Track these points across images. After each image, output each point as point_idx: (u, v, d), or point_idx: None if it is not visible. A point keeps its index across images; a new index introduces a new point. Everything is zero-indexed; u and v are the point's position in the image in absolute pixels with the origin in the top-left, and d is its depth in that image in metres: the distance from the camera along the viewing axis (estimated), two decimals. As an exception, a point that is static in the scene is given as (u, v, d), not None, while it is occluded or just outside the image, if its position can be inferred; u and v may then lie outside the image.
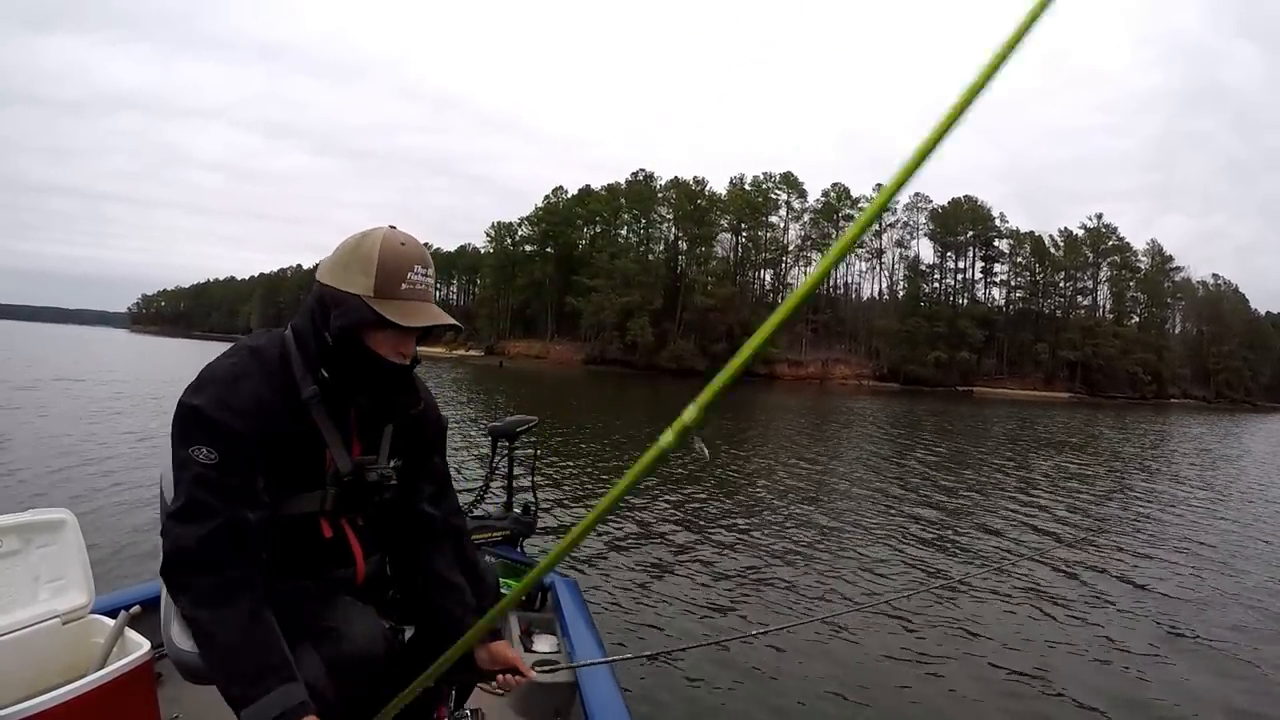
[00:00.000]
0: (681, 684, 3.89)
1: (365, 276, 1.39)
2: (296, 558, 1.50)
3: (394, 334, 1.43)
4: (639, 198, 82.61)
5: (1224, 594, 6.06)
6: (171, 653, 1.56)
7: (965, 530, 8.00)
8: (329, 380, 1.45)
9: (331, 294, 1.41)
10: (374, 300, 1.39)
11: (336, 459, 1.50)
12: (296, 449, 1.44)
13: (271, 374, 1.43)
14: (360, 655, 1.41)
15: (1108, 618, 5.26)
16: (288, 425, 1.42)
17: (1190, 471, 15.28)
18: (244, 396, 1.36)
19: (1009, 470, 13.36)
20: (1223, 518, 9.68)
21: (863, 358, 76.43)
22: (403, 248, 1.42)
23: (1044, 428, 26.58)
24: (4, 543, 1.87)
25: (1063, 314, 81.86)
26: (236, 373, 1.39)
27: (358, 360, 1.44)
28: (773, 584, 5.64)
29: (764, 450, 14.45)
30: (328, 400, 1.46)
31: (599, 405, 25.83)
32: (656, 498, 8.81)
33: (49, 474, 7.66)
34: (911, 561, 6.53)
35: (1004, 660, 4.38)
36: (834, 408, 33.00)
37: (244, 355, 1.43)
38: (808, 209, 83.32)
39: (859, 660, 4.32)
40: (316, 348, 1.44)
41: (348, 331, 1.41)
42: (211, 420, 1.33)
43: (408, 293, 1.42)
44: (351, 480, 1.52)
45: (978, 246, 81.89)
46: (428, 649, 1.66)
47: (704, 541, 6.82)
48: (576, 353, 75.51)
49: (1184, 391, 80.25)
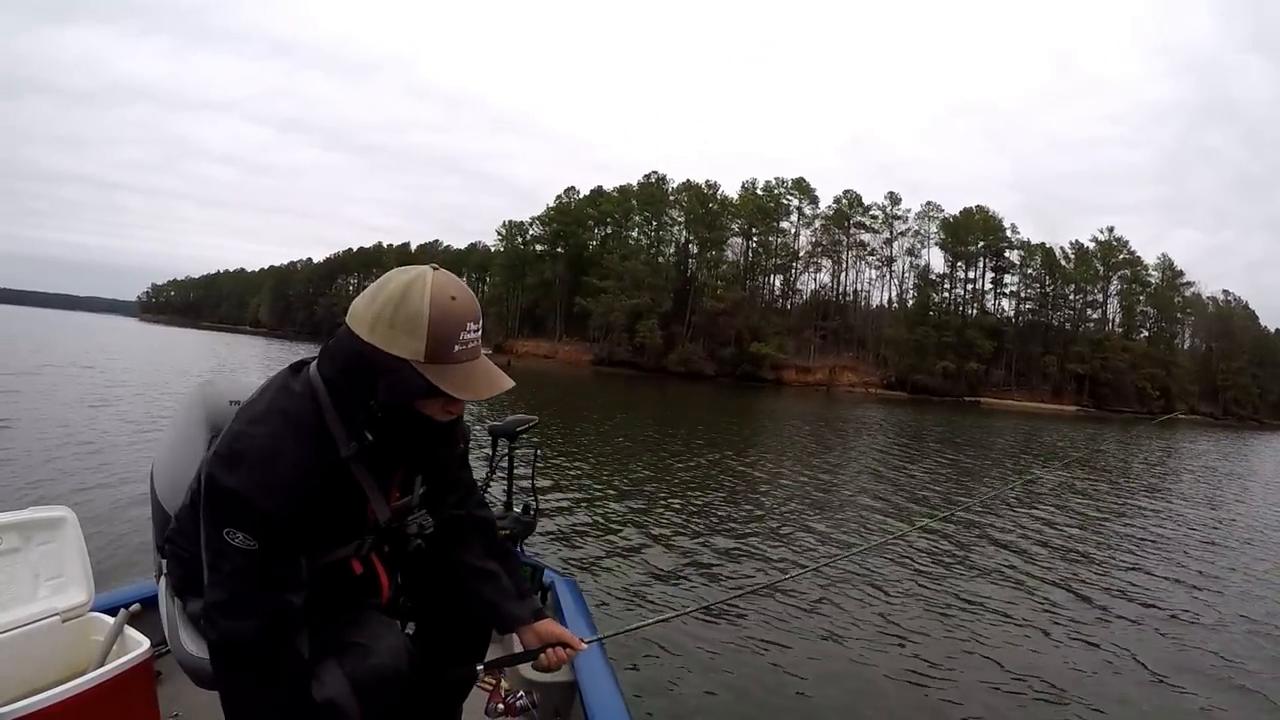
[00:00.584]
0: (682, 683, 3.98)
1: (414, 340, 1.26)
2: (326, 594, 1.46)
3: (446, 397, 1.33)
4: (651, 200, 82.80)
5: (1219, 615, 6.13)
6: (179, 656, 1.56)
7: (962, 542, 7.98)
8: (373, 442, 1.36)
9: (376, 357, 1.28)
10: (426, 367, 1.27)
11: (377, 511, 1.46)
12: (337, 506, 1.38)
13: (308, 438, 1.33)
14: (385, 671, 1.39)
15: (1109, 637, 5.33)
16: (329, 486, 1.35)
17: (1195, 489, 15.32)
18: (284, 475, 1.28)
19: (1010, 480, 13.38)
20: (1223, 540, 9.68)
21: (870, 365, 76.38)
22: (454, 303, 1.28)
23: (1050, 441, 26.62)
24: (4, 540, 1.85)
25: (1072, 327, 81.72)
26: (275, 448, 1.30)
27: (407, 425, 1.36)
28: (771, 592, 5.71)
29: (768, 457, 14.52)
30: (368, 457, 1.38)
31: (606, 407, 25.93)
32: (658, 500, 8.94)
33: (49, 470, 7.65)
34: (915, 574, 6.59)
35: (983, 674, 4.50)
36: (841, 416, 32.95)
37: (278, 424, 1.32)
38: (819, 215, 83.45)
39: (861, 664, 4.47)
40: (361, 414, 1.34)
41: (399, 403, 1.33)
42: (249, 506, 1.26)
43: (461, 354, 1.30)
44: (390, 528, 1.50)
45: (988, 257, 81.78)
46: (429, 646, 1.71)
47: (705, 547, 6.93)
48: (585, 353, 75.66)
49: (1191, 407, 79.88)
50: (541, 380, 40.97)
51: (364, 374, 1.30)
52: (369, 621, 1.47)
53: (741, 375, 69.49)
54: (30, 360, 22.00)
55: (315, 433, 1.34)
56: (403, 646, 1.46)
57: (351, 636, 1.42)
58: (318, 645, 1.37)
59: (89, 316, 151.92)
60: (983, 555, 7.52)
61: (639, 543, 6.91)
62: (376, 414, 1.32)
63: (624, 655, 4.17)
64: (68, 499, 5.58)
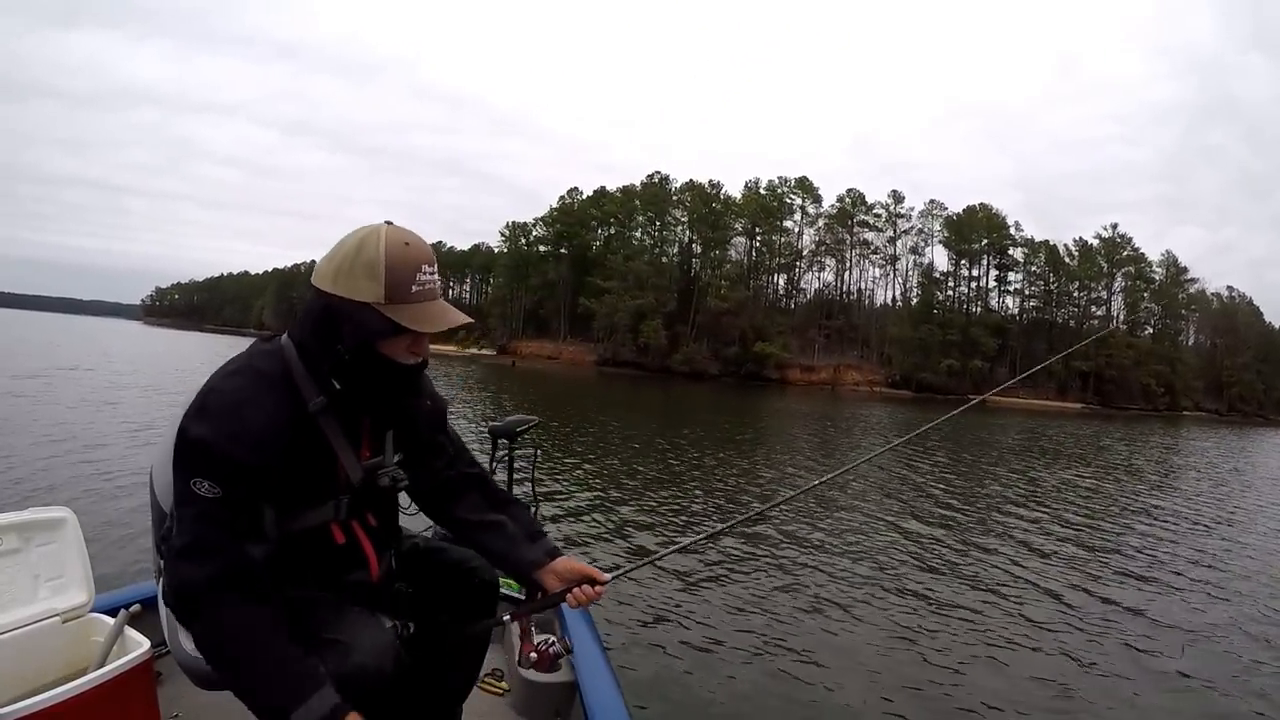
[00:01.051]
0: (683, 683, 4.01)
1: (374, 283, 1.34)
2: (311, 567, 1.48)
3: (409, 337, 1.41)
4: (654, 200, 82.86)
5: (1229, 615, 6.08)
6: (179, 656, 1.56)
7: (958, 545, 7.96)
8: (339, 391, 1.41)
9: (340, 305, 1.36)
10: (386, 307, 1.35)
11: (348, 468, 1.48)
12: (307, 464, 1.42)
13: (276, 392, 1.38)
14: (367, 670, 1.37)
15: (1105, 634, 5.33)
16: (296, 442, 1.38)
17: (1202, 487, 15.29)
18: (250, 424, 1.32)
19: (1011, 482, 13.41)
20: (1225, 538, 9.60)
21: (875, 364, 76.28)
22: (408, 248, 1.38)
23: (1054, 439, 26.54)
24: (4, 541, 1.85)
25: (1076, 324, 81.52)
26: (241, 398, 1.35)
27: (373, 369, 1.41)
28: (772, 595, 5.75)
29: (771, 458, 14.52)
30: (336, 410, 1.43)
31: (609, 407, 26.02)
32: (660, 499, 8.98)
33: (50, 471, 7.65)
34: (920, 583, 6.50)
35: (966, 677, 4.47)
36: (845, 414, 32.93)
37: (247, 377, 1.38)
38: (822, 214, 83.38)
39: (861, 667, 4.49)
40: (328, 362, 1.40)
41: (365, 344, 1.38)
42: (215, 453, 1.30)
43: (419, 294, 1.38)
44: (364, 488, 1.52)
45: (992, 255, 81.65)
46: (432, 644, 1.73)
47: (705, 547, 6.93)
48: (589, 354, 75.73)
49: (1196, 404, 79.80)
50: (545, 381, 41.10)
51: (330, 323, 1.37)
52: (352, 618, 1.44)
53: (746, 375, 69.49)
54: (31, 364, 22.04)
55: (283, 386, 1.39)
56: (388, 644, 1.43)
57: (333, 633, 1.39)
58: (300, 640, 1.35)
59: (92, 320, 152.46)
60: (988, 553, 7.52)
61: (640, 542, 6.93)
62: (344, 357, 1.38)
63: (624, 655, 4.18)
64: (68, 500, 5.49)
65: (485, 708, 2.43)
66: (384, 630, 1.46)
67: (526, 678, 2.41)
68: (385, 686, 1.39)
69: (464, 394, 25.24)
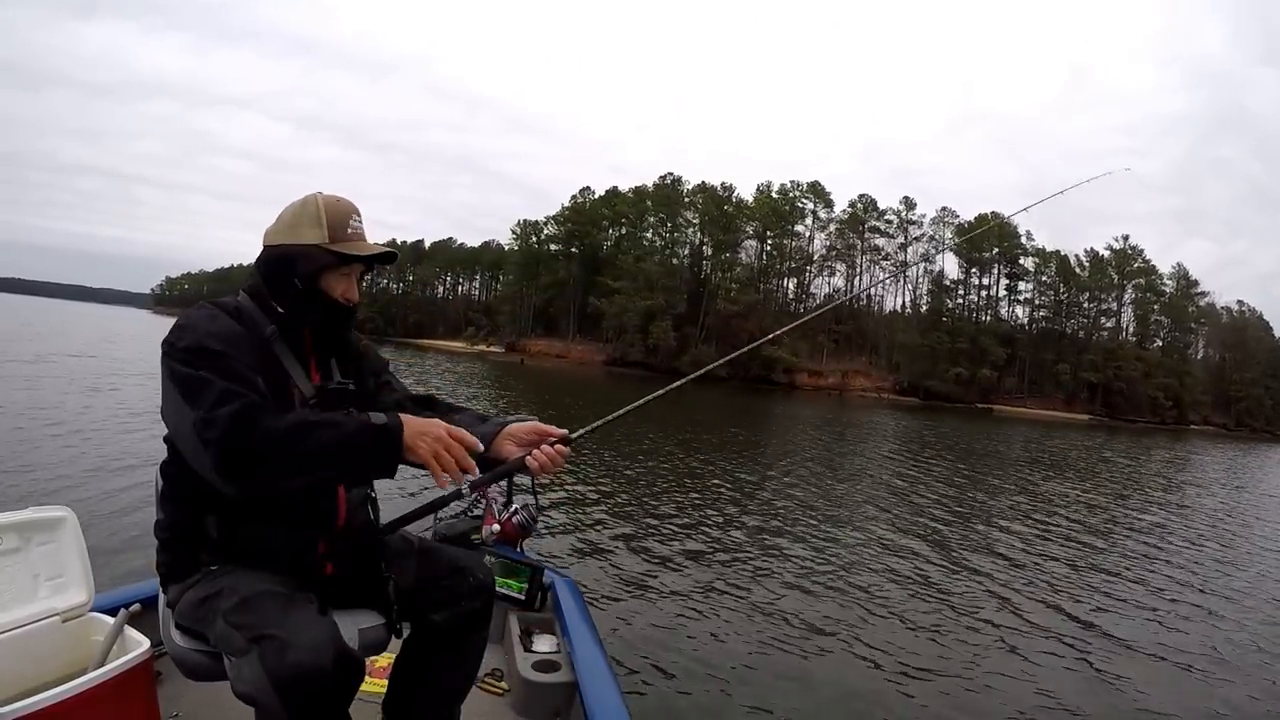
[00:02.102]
0: (684, 683, 4.04)
1: (319, 229, 1.65)
2: (277, 511, 1.61)
3: (343, 278, 1.69)
4: (666, 201, 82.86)
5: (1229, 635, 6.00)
6: (173, 651, 1.62)
7: (960, 555, 7.87)
8: (284, 315, 1.66)
9: (291, 249, 1.65)
10: (330, 245, 1.64)
11: (300, 385, 1.68)
12: (266, 379, 1.58)
13: (234, 318, 1.62)
14: (303, 667, 1.35)
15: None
16: (255, 358, 1.58)
17: (1210, 503, 15.22)
18: (221, 328, 1.56)
19: (1016, 494, 13.30)
20: (1229, 561, 9.32)
21: (883, 371, 76.25)
22: (340, 203, 1.69)
23: (1060, 450, 26.36)
24: (3, 540, 1.86)
25: (1085, 335, 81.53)
26: (210, 316, 1.60)
27: (319, 303, 1.67)
28: (773, 596, 5.74)
29: (778, 463, 14.43)
30: (285, 335, 1.67)
31: (616, 407, 25.71)
32: (662, 500, 9.05)
33: (50, 469, 7.54)
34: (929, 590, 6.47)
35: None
36: (852, 422, 32.69)
37: (207, 308, 1.63)
38: (833, 219, 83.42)
39: (866, 669, 4.54)
40: (276, 294, 1.67)
41: (313, 276, 1.65)
42: (206, 348, 1.50)
43: (353, 235, 1.68)
44: (317, 400, 1.68)
45: (1002, 263, 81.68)
46: (423, 648, 1.80)
47: (710, 546, 7.02)
48: (598, 354, 75.71)
49: (1204, 418, 79.70)
50: (553, 380, 41.04)
51: (284, 264, 1.66)
52: (296, 614, 1.45)
53: (754, 378, 69.43)
54: (34, 349, 21.71)
55: (239, 317, 1.64)
56: (328, 641, 1.40)
57: (272, 629, 1.40)
58: (244, 629, 1.42)
59: (100, 308, 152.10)
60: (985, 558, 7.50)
61: (642, 541, 6.96)
62: (298, 287, 1.65)
63: (624, 656, 4.20)
64: (68, 499, 5.53)
65: (485, 708, 2.43)
66: (326, 626, 1.45)
67: (526, 678, 2.43)
68: (328, 685, 1.38)
69: (473, 389, 25.20)
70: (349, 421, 1.48)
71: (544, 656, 2.55)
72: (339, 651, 1.42)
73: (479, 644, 1.87)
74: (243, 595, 1.49)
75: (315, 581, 1.63)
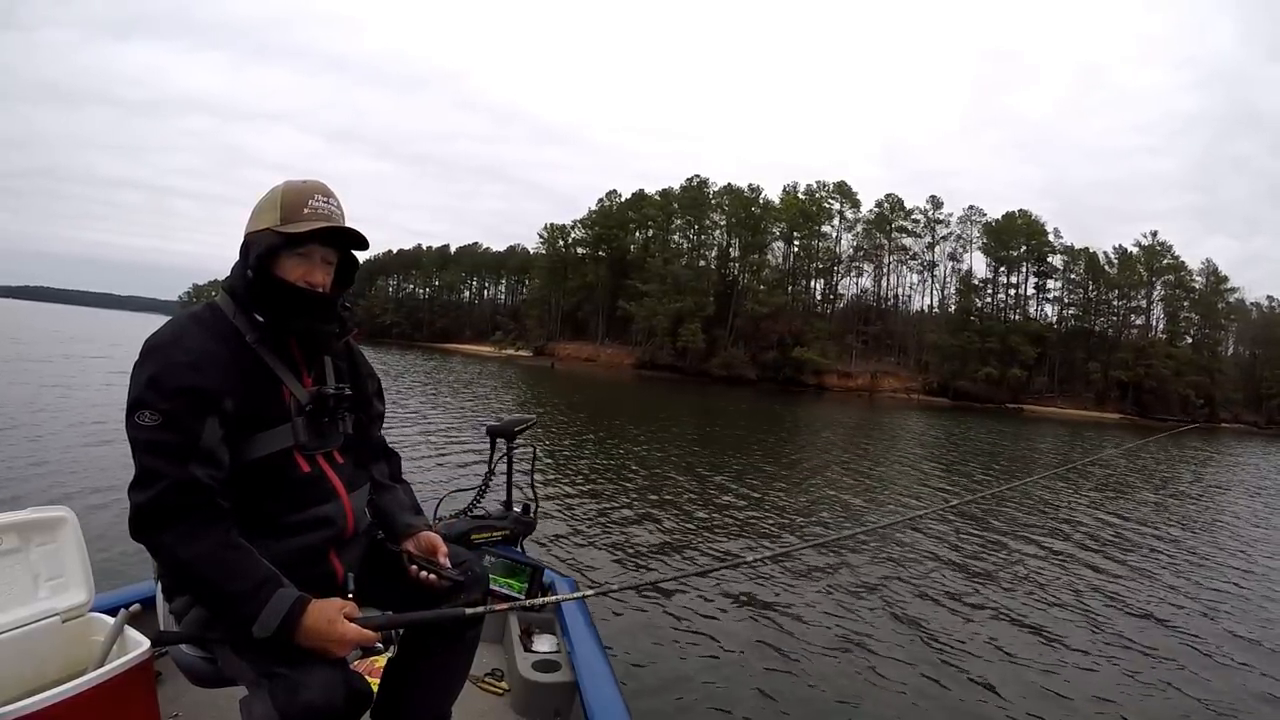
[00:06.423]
0: (683, 684, 4.09)
1: (272, 212, 1.57)
2: (277, 498, 1.57)
3: (299, 261, 1.59)
4: (693, 203, 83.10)
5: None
6: (174, 654, 1.65)
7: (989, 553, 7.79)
8: (265, 322, 1.57)
9: (249, 237, 1.59)
10: (280, 227, 1.56)
11: (293, 391, 1.61)
12: (254, 389, 1.54)
13: (211, 327, 1.55)
14: (314, 706, 1.37)
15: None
16: (240, 367, 1.52)
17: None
18: (185, 351, 1.46)
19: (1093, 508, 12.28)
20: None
21: (912, 371, 76.11)
22: (303, 184, 1.60)
23: (1095, 451, 25.24)
24: (3, 540, 1.84)
25: (1115, 333, 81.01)
26: (178, 334, 1.50)
27: (275, 290, 1.57)
28: (775, 597, 5.75)
29: (801, 467, 14.34)
30: (270, 340, 1.59)
31: (644, 409, 25.88)
32: (666, 500, 9.14)
33: (49, 469, 7.57)
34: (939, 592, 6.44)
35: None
36: (883, 425, 31.92)
37: (182, 320, 1.56)
38: (860, 219, 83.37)
39: (870, 672, 4.53)
40: (245, 290, 1.58)
41: (261, 260, 1.56)
42: (155, 385, 1.42)
43: (310, 215, 1.57)
44: (314, 406, 1.63)
45: (1031, 262, 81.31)
46: (418, 647, 1.80)
47: (711, 548, 7.04)
48: (627, 357, 76.11)
49: (1235, 415, 78.93)
50: (583, 383, 41.19)
51: (243, 257, 1.61)
52: (305, 652, 1.45)
53: (784, 380, 69.67)
54: (40, 350, 21.86)
55: (217, 325, 1.58)
56: (339, 681, 1.43)
57: (284, 665, 1.42)
58: (256, 660, 1.45)
59: (125, 315, 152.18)
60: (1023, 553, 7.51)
61: (642, 541, 7.02)
62: (249, 275, 1.57)
63: (625, 655, 4.24)
64: (68, 499, 5.48)
65: (485, 708, 2.45)
66: (335, 665, 1.46)
67: (526, 678, 2.44)
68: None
69: (515, 393, 25.27)
70: (249, 588, 1.42)
71: (544, 656, 2.57)
72: (350, 690, 1.44)
73: (472, 642, 1.86)
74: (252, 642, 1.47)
75: (325, 592, 1.58)
